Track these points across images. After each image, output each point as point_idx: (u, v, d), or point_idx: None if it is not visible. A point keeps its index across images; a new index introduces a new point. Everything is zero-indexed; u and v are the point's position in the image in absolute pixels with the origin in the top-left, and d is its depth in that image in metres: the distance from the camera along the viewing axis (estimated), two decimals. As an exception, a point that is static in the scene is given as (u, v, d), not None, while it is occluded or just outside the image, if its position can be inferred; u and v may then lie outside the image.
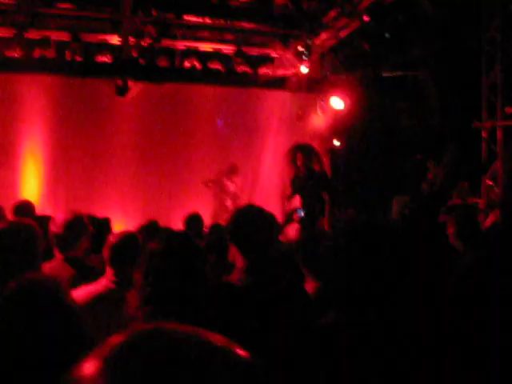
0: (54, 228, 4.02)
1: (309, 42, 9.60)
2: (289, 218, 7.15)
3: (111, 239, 3.35)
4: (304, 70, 9.75)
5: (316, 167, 9.20)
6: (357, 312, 2.20)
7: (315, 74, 10.05)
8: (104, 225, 5.48)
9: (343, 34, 9.49)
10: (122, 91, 8.84)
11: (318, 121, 10.36)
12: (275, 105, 10.45)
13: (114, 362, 0.64)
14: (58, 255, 3.88)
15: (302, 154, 9.10)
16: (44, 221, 4.49)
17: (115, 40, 9.07)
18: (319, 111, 10.38)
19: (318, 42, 9.83)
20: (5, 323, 1.77)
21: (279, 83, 9.80)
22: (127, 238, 3.45)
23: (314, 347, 2.43)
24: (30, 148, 9.62)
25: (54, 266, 3.70)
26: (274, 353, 1.97)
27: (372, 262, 2.20)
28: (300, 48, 9.62)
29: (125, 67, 8.87)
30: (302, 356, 2.26)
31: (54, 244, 3.90)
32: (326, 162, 10.61)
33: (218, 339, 0.68)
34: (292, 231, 6.42)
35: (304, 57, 9.71)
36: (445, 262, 4.02)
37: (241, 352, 0.68)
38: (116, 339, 0.67)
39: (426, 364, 2.08)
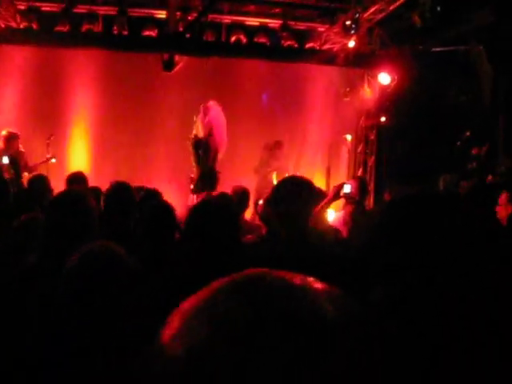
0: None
1: (357, 15, 9.37)
2: (336, 193, 7.00)
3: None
4: (351, 44, 9.55)
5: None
6: (400, 286, 2.12)
7: (363, 48, 9.82)
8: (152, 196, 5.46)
9: (392, 7, 9.23)
10: (169, 66, 8.83)
11: (365, 96, 10.18)
12: (321, 80, 10.31)
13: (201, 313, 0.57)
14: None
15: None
16: (96, 192, 4.54)
17: (162, 14, 9.04)
18: (366, 86, 10.20)
19: (366, 15, 9.58)
20: (76, 290, 1.78)
21: (326, 58, 9.62)
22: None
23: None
24: (76, 122, 9.77)
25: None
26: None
27: (419, 234, 2.11)
28: (348, 22, 9.40)
29: (171, 41, 8.85)
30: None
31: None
32: (372, 137, 10.45)
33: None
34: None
35: (352, 31, 9.50)
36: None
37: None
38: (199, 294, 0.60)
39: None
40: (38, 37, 8.92)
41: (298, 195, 2.85)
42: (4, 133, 8.52)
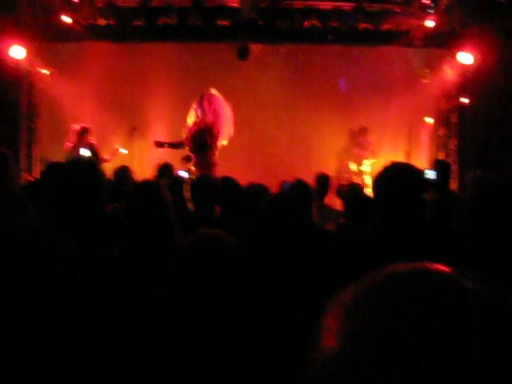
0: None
1: (435, -7, 9.07)
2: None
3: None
4: (430, 23, 9.24)
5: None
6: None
7: (442, 27, 9.47)
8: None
9: (473, -18, 8.87)
10: (243, 54, 8.86)
11: (446, 77, 9.84)
12: (399, 62, 10.04)
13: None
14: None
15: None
16: (179, 182, 4.71)
17: (234, 3, 9.07)
18: (446, 67, 9.84)
19: (444, -8, 9.26)
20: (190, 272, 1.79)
21: (403, 39, 9.35)
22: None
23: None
24: (154, 114, 9.96)
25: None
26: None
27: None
28: (425, 0, 9.11)
29: (244, 29, 8.87)
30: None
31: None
32: (453, 119, 10.10)
33: None
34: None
35: (429, 10, 9.20)
36: None
37: None
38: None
39: None
40: (116, 33, 9.17)
41: (403, 183, 2.76)
42: (77, 127, 8.86)
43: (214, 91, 8.52)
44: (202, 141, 8.26)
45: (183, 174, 8.23)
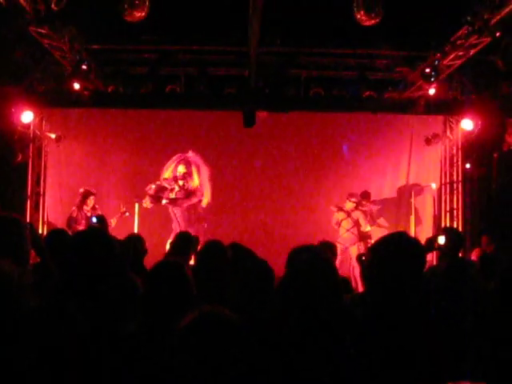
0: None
1: (436, 62, 9.24)
2: (429, 244, 6.74)
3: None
4: (432, 91, 9.40)
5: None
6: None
7: (443, 95, 9.65)
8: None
9: (473, 52, 9.04)
10: (250, 122, 8.97)
11: (449, 143, 9.96)
12: (402, 128, 10.22)
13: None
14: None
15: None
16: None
17: (241, 71, 9.23)
18: (449, 133, 9.97)
19: (445, 62, 9.44)
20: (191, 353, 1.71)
21: (406, 106, 9.51)
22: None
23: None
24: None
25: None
26: None
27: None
28: (427, 69, 9.29)
29: (251, 98, 9.01)
30: None
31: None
32: (457, 184, 10.14)
33: None
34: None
35: (431, 78, 9.36)
36: None
37: None
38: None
39: None
40: (124, 99, 9.30)
41: (394, 255, 2.73)
42: (81, 190, 9.05)
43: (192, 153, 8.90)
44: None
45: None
